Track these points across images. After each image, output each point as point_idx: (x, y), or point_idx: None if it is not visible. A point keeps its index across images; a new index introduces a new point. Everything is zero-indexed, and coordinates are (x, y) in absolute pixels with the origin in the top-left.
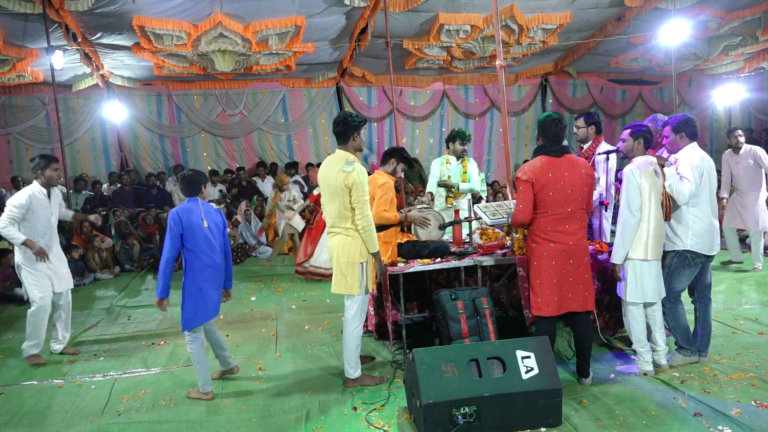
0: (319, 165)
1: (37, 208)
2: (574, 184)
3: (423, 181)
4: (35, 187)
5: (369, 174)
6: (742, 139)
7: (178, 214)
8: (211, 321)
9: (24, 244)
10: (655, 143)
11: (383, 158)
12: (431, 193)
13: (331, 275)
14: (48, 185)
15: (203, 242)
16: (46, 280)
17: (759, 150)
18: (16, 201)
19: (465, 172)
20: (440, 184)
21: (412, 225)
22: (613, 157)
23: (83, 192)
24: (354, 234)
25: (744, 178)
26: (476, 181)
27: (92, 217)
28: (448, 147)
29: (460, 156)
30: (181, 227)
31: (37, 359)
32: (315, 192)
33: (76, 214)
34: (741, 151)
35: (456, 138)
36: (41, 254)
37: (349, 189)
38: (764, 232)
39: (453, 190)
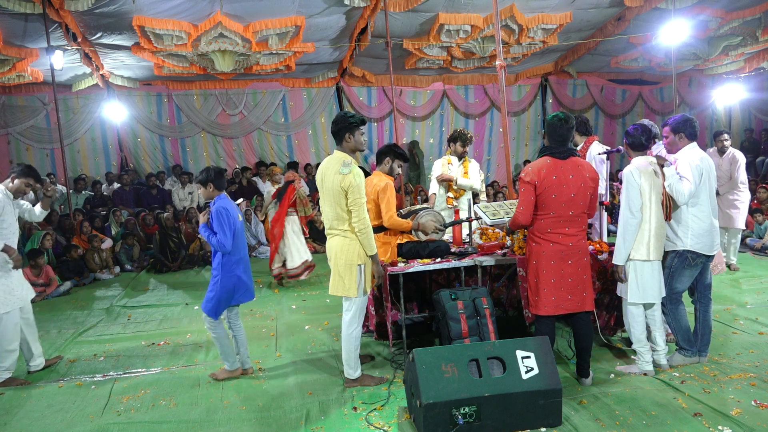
0: (316, 166)
1: (6, 212)
2: (577, 187)
3: (421, 170)
4: (3, 190)
5: (368, 174)
6: (727, 143)
7: (227, 209)
8: (240, 319)
9: (3, 250)
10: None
11: (378, 158)
12: (433, 196)
13: (296, 274)
14: (15, 193)
15: (240, 235)
16: (9, 294)
17: (741, 159)
18: None
19: (466, 173)
20: (439, 179)
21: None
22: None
23: (83, 192)
24: (352, 236)
25: (723, 179)
26: (477, 180)
27: (49, 189)
28: (449, 147)
29: (461, 157)
30: (231, 222)
31: (11, 382)
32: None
33: (43, 203)
34: (724, 155)
35: (457, 139)
36: (19, 262)
37: (345, 191)
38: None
39: (453, 186)
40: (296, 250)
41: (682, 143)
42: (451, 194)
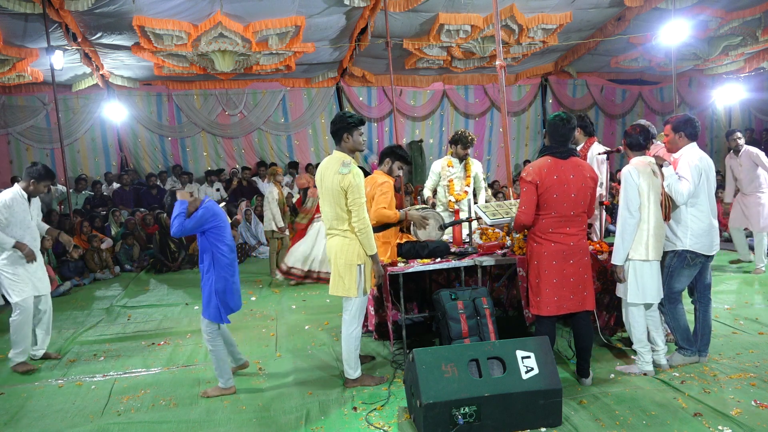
0: (316, 167)
1: (16, 211)
2: (578, 187)
3: (419, 169)
4: (17, 190)
5: (368, 174)
6: (741, 141)
7: (216, 214)
8: None
9: (15, 246)
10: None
11: (380, 158)
12: (430, 197)
13: (303, 276)
14: (31, 194)
15: (230, 239)
16: (26, 284)
17: (756, 151)
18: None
19: (468, 176)
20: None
21: (411, 225)
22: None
23: (83, 192)
24: (352, 236)
25: (745, 179)
26: (481, 181)
27: (65, 241)
28: (450, 148)
29: (462, 159)
30: (219, 220)
31: (24, 366)
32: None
33: (50, 230)
34: (740, 153)
35: (458, 142)
36: (31, 256)
37: (345, 191)
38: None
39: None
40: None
41: (682, 142)
42: (452, 197)
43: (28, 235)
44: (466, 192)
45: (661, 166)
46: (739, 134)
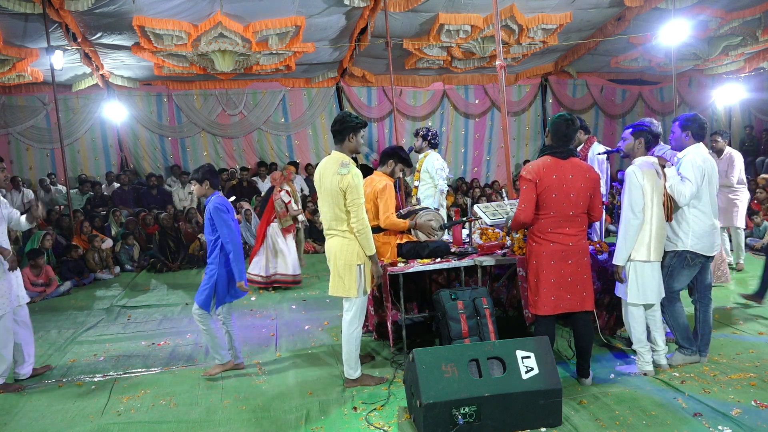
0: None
1: None
2: (577, 188)
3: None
4: None
5: (373, 170)
6: (718, 145)
7: (225, 204)
8: (232, 315)
9: None
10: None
11: (381, 159)
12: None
13: (289, 280)
14: None
15: (237, 233)
16: (5, 298)
17: (736, 156)
18: None
19: (418, 171)
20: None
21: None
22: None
23: (89, 193)
24: (351, 236)
25: (720, 180)
26: (436, 177)
27: (39, 211)
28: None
29: (419, 151)
30: (232, 215)
31: (5, 388)
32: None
33: (29, 216)
34: (722, 155)
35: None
36: (14, 262)
37: (344, 192)
38: (743, 229)
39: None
40: (282, 260)
41: (687, 141)
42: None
43: (4, 238)
44: (416, 187)
45: (663, 167)
46: (718, 137)
